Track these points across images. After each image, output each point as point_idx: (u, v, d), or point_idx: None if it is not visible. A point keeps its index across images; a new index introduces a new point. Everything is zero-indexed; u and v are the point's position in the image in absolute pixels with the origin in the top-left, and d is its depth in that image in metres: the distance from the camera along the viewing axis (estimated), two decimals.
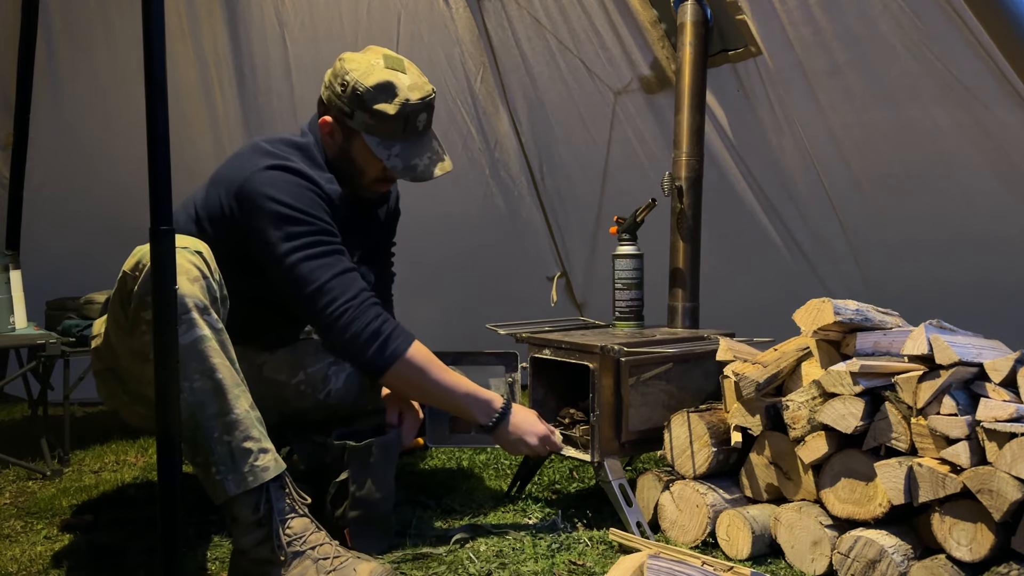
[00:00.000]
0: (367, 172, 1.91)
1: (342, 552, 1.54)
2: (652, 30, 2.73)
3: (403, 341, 1.77)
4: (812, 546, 1.65)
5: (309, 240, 1.73)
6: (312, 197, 1.77)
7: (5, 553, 1.78)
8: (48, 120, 3.17)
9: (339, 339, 1.74)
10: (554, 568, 1.65)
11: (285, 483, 1.55)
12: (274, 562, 1.50)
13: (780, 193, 2.85)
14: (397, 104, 1.81)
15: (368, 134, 1.84)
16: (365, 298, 1.75)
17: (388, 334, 1.75)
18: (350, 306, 1.73)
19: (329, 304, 1.72)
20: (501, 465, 2.41)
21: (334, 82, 1.85)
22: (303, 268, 1.72)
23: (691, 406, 1.92)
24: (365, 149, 1.86)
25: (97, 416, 3.14)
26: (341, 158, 1.90)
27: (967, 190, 2.51)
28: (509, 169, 3.41)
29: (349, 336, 1.73)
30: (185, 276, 1.50)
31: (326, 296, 1.72)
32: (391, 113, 1.81)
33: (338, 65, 1.86)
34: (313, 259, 1.73)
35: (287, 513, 1.53)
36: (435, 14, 3.09)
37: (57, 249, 3.28)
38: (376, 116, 1.82)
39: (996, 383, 1.57)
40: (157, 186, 1.21)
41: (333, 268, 1.74)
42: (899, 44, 2.29)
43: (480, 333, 2.25)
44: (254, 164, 1.77)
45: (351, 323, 1.72)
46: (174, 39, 3.03)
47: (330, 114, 1.87)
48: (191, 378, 1.48)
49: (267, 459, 1.51)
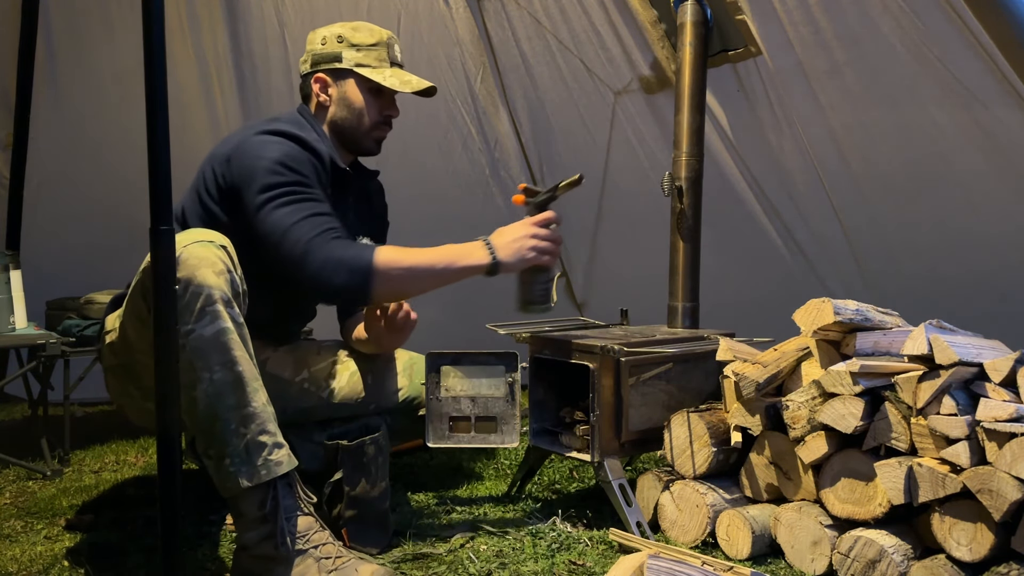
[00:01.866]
0: (368, 113, 1.98)
1: (344, 552, 1.54)
2: (652, 30, 2.73)
3: (366, 253, 1.72)
4: (812, 546, 1.65)
5: (284, 190, 1.74)
6: (300, 155, 1.79)
7: (5, 553, 1.78)
8: (48, 120, 3.17)
9: (308, 277, 1.71)
10: (554, 568, 1.65)
11: (293, 481, 1.55)
12: (277, 559, 1.50)
13: (780, 193, 2.85)
14: (374, 34, 1.98)
15: (359, 66, 1.96)
16: (325, 233, 1.72)
17: (350, 256, 1.71)
18: (309, 242, 1.70)
19: (294, 244, 1.70)
20: (501, 465, 2.42)
21: (312, 46, 2.00)
22: (274, 215, 1.72)
23: (691, 406, 1.92)
24: (362, 84, 1.97)
25: (97, 416, 3.14)
26: (341, 109, 1.98)
27: (967, 190, 2.51)
28: (509, 169, 3.41)
29: (313, 272, 1.69)
30: (211, 269, 1.50)
31: (291, 237, 1.71)
32: (372, 41, 1.97)
33: (310, 36, 2.03)
34: (284, 206, 1.73)
35: (292, 511, 1.53)
36: (435, 14, 3.10)
37: (57, 249, 3.28)
38: (362, 48, 1.96)
39: (996, 383, 1.57)
40: (157, 186, 1.22)
41: (301, 212, 1.73)
42: (899, 44, 2.29)
43: (480, 333, 2.25)
44: (244, 132, 1.84)
45: (308, 257, 1.69)
46: (174, 39, 3.03)
47: (319, 71, 1.98)
48: (212, 369, 1.49)
49: (281, 454, 1.52)
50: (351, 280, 1.71)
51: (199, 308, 1.49)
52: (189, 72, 3.14)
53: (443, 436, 2.09)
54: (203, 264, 1.50)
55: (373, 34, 1.98)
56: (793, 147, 2.70)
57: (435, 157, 3.31)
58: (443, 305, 3.38)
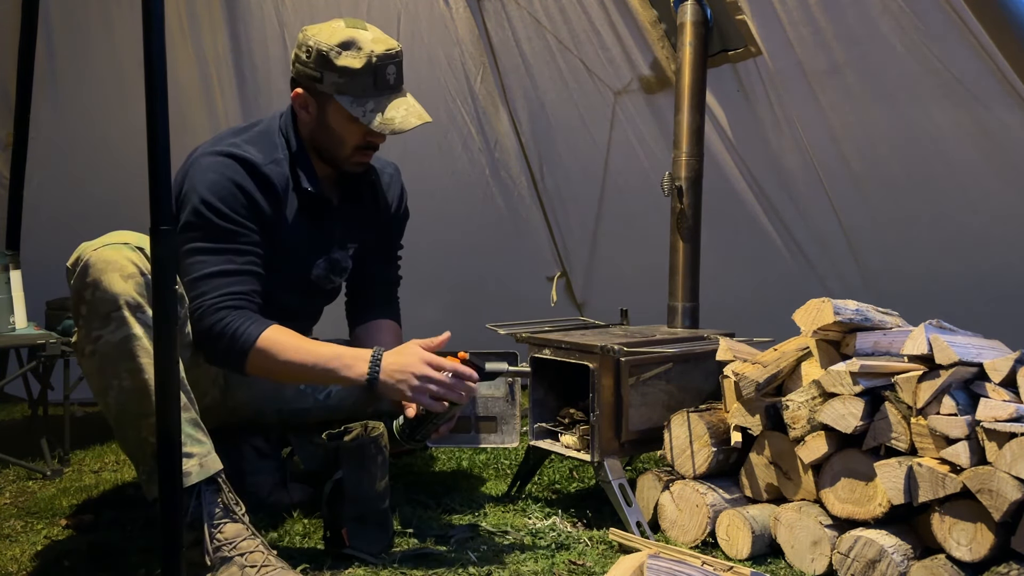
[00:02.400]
0: (347, 140, 1.87)
1: (272, 561, 1.52)
2: (652, 30, 2.73)
3: (249, 334, 1.70)
4: (812, 546, 1.65)
5: (200, 234, 1.74)
6: (231, 191, 1.76)
7: (5, 553, 1.78)
8: (48, 120, 3.17)
9: (196, 336, 1.72)
10: (554, 568, 1.65)
11: (220, 487, 1.54)
12: (203, 565, 1.50)
13: (780, 193, 2.85)
14: (363, 57, 1.78)
15: (340, 94, 1.80)
16: (222, 299, 1.71)
17: (232, 331, 1.70)
18: (202, 305, 1.71)
19: (192, 299, 1.72)
20: (501, 465, 2.41)
21: (299, 52, 1.83)
22: (187, 261, 1.73)
23: (691, 406, 1.92)
24: (340, 113, 1.82)
25: (97, 416, 3.13)
26: (319, 131, 1.88)
27: (967, 190, 2.51)
28: (509, 169, 3.40)
29: (199, 335, 1.71)
30: (118, 273, 1.50)
31: (190, 293, 1.72)
32: (358, 67, 1.78)
33: (300, 36, 1.84)
34: (196, 254, 1.73)
35: (220, 518, 1.52)
36: (435, 14, 3.09)
37: (57, 249, 3.26)
38: (344, 73, 1.78)
39: (996, 383, 1.57)
40: (157, 186, 1.21)
41: (208, 267, 1.73)
42: (899, 44, 2.29)
43: (480, 333, 2.25)
44: (203, 149, 1.82)
45: (199, 322, 1.71)
46: (174, 39, 3.03)
47: (300, 85, 1.85)
48: (120, 376, 1.49)
49: (190, 464, 1.49)
50: (227, 357, 1.72)
51: (105, 314, 1.49)
52: (189, 72, 3.14)
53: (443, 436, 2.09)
54: (110, 268, 1.49)
55: (360, 56, 1.78)
56: (793, 147, 2.70)
57: (435, 157, 3.30)
58: (443, 305, 3.39)
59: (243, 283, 1.76)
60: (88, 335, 1.51)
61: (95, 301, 1.49)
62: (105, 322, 1.49)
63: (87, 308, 1.51)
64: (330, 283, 2.03)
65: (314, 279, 1.98)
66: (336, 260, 2.00)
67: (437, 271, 3.30)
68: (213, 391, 1.88)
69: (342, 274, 2.03)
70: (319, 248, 1.97)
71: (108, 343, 1.49)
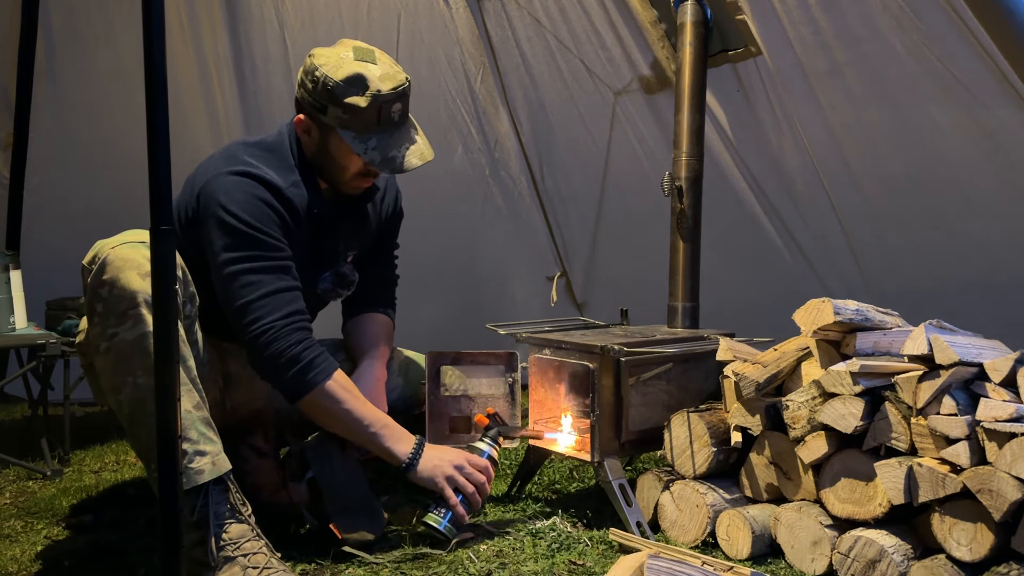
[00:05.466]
0: (347, 168, 1.86)
1: (274, 564, 1.53)
2: (652, 30, 2.73)
3: (323, 370, 1.72)
4: (812, 546, 1.65)
5: (249, 254, 1.71)
6: (263, 209, 1.74)
7: (5, 553, 1.78)
8: (48, 120, 3.17)
9: (259, 359, 1.71)
10: (554, 568, 1.65)
11: (228, 486, 1.54)
12: (207, 564, 1.50)
13: (780, 193, 2.85)
14: (368, 96, 1.76)
15: (343, 129, 1.79)
16: (291, 321, 1.71)
17: (308, 361, 1.70)
18: (272, 327, 1.69)
19: (253, 323, 1.69)
20: (501, 465, 2.41)
21: (305, 79, 1.81)
22: (237, 282, 1.70)
23: (691, 406, 1.92)
24: (342, 144, 1.81)
25: (97, 416, 3.13)
26: (320, 155, 1.87)
27: (967, 190, 2.51)
28: (509, 169, 3.41)
29: (267, 357, 1.69)
30: (136, 271, 1.50)
31: (252, 314, 1.69)
32: (363, 106, 1.76)
33: (308, 62, 1.82)
34: (248, 273, 1.70)
35: (226, 518, 1.52)
36: (435, 14, 3.10)
37: (57, 249, 3.26)
38: (349, 110, 1.76)
39: (996, 383, 1.57)
40: (157, 186, 1.21)
41: (266, 286, 1.71)
42: (899, 44, 2.29)
43: (480, 333, 2.25)
44: (218, 168, 1.77)
45: (270, 344, 1.69)
46: (174, 39, 3.03)
47: (304, 112, 1.84)
48: (135, 373, 1.49)
49: (203, 462, 1.50)
50: (293, 384, 1.71)
51: (122, 311, 1.49)
52: (189, 72, 3.14)
53: (443, 436, 2.09)
54: (128, 266, 1.50)
55: (367, 97, 1.75)
56: (793, 147, 2.70)
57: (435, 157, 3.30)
58: (443, 305, 3.39)
59: (299, 302, 1.75)
60: (103, 332, 1.51)
61: (112, 299, 1.49)
62: (121, 320, 1.49)
63: (103, 305, 1.51)
64: (337, 296, 2.03)
65: (320, 293, 1.98)
66: (343, 274, 1.99)
67: (437, 271, 3.30)
68: (213, 391, 1.88)
69: (349, 287, 2.02)
70: (325, 263, 1.97)
71: (124, 340, 1.49)
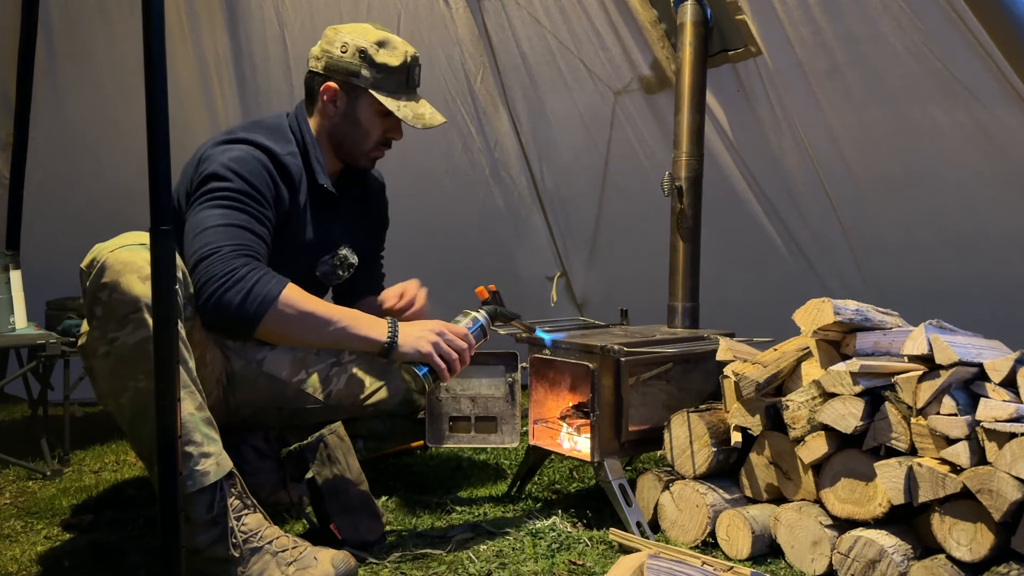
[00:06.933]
0: (371, 134, 1.94)
1: (300, 543, 1.55)
2: (652, 30, 2.73)
3: (275, 286, 1.63)
4: (812, 546, 1.65)
5: (224, 193, 1.70)
6: (256, 167, 1.75)
7: (5, 553, 1.78)
8: (48, 120, 3.17)
9: (205, 283, 1.61)
10: (554, 568, 1.65)
11: (236, 482, 1.55)
12: (231, 560, 1.50)
13: (780, 193, 2.85)
14: (399, 56, 1.90)
15: (376, 89, 1.89)
16: (243, 250, 1.64)
17: (260, 281, 1.62)
18: (220, 248, 1.62)
19: (205, 245, 1.63)
20: (501, 465, 2.42)
21: (331, 48, 1.90)
22: (203, 212, 1.68)
23: (691, 406, 1.92)
24: (372, 107, 1.90)
25: (97, 416, 3.13)
26: (344, 124, 1.93)
27: (967, 190, 2.51)
28: (509, 169, 3.41)
29: (215, 280, 1.60)
30: (136, 275, 1.48)
31: (206, 237, 1.64)
32: (395, 64, 1.89)
33: (331, 34, 1.92)
34: (217, 207, 1.68)
35: (241, 510, 1.53)
36: (435, 14, 3.09)
37: (57, 249, 3.27)
38: (383, 69, 1.88)
39: (996, 383, 1.57)
40: (157, 186, 1.21)
41: (230, 219, 1.67)
42: (899, 44, 2.29)
43: None
44: (214, 139, 1.82)
45: (216, 265, 1.61)
46: (174, 39, 3.03)
47: (333, 80, 1.90)
48: (136, 377, 1.48)
49: (207, 464, 1.49)
50: (245, 304, 1.60)
51: (122, 316, 1.48)
52: (189, 72, 3.14)
53: (443, 436, 2.09)
54: (127, 270, 1.48)
55: (397, 55, 1.89)
56: (793, 147, 2.70)
57: (435, 157, 3.31)
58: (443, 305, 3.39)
59: (261, 245, 1.71)
60: (103, 336, 1.50)
61: (112, 303, 1.48)
62: (122, 324, 1.48)
63: (103, 309, 1.50)
64: (337, 279, 2.04)
65: (320, 276, 1.99)
66: (344, 256, 2.01)
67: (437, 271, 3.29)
68: (216, 390, 1.88)
69: (349, 269, 2.03)
70: (326, 245, 1.98)
71: (124, 345, 1.48)
